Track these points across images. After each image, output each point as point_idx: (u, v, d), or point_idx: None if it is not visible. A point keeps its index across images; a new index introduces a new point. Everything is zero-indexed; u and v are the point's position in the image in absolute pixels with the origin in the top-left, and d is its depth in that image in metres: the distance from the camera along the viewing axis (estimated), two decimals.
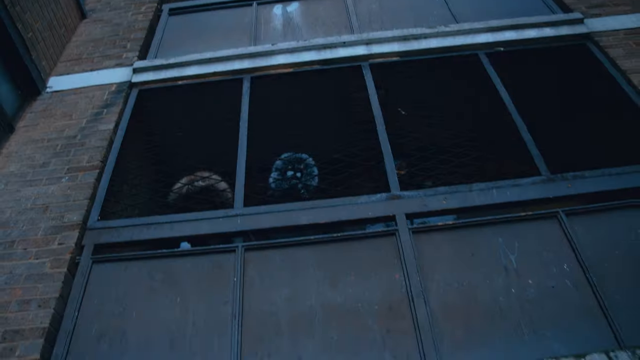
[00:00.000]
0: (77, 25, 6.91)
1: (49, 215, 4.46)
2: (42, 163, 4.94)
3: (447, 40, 5.74)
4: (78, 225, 4.35)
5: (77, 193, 4.61)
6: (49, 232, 4.33)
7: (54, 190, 4.67)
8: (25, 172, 4.88)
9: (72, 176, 4.78)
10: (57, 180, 4.76)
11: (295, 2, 6.90)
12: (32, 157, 5.02)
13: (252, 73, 5.75)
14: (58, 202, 4.55)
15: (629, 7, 5.98)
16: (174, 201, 5.10)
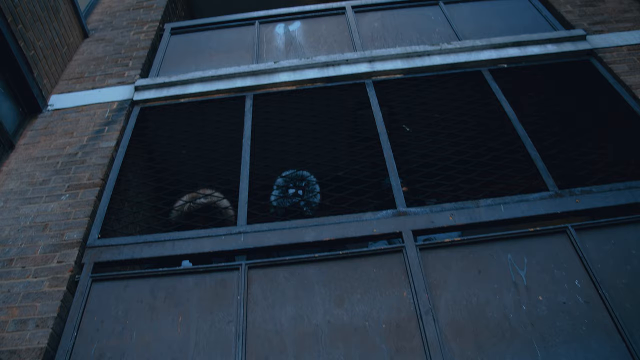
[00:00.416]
0: (79, 44, 6.91)
1: (48, 233, 4.38)
2: (42, 180, 4.88)
3: (451, 57, 5.74)
4: (78, 243, 4.27)
5: (78, 211, 4.54)
6: (48, 250, 4.24)
7: (53, 208, 4.60)
8: (24, 190, 4.81)
9: (72, 194, 4.71)
10: (57, 197, 4.70)
11: (297, 21, 6.92)
12: (32, 175, 4.96)
13: (254, 91, 5.73)
14: (58, 220, 4.48)
15: (630, 24, 6.02)
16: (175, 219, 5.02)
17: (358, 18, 6.80)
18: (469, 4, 6.97)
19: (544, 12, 6.60)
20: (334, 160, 5.20)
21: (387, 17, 6.78)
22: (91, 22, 7.47)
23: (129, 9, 7.69)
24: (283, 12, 7.07)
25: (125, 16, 7.49)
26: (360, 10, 6.93)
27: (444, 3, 6.94)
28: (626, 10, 6.32)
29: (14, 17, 5.47)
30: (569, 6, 6.51)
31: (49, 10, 6.24)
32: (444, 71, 5.69)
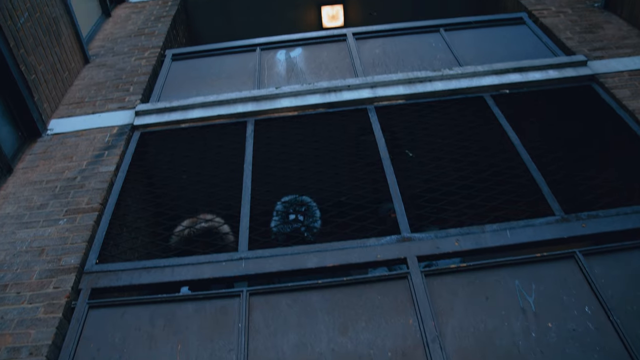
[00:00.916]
0: (80, 69, 6.90)
1: (44, 258, 4.29)
2: (40, 205, 4.81)
3: (452, 83, 5.75)
4: (75, 268, 4.18)
5: (75, 235, 4.46)
6: (44, 275, 4.15)
7: (51, 233, 4.51)
8: (21, 214, 4.73)
9: (70, 218, 4.63)
10: (54, 222, 4.62)
11: (298, 47, 6.93)
12: (30, 199, 4.89)
13: (256, 116, 5.71)
14: (55, 245, 4.39)
15: (630, 50, 6.07)
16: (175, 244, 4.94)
17: (359, 45, 6.82)
18: (469, 31, 7.02)
19: (544, 38, 6.64)
20: (337, 185, 5.14)
21: (388, 44, 6.80)
22: (93, 47, 7.48)
23: (131, 35, 7.72)
24: (284, 38, 7.10)
25: (126, 42, 7.51)
26: (361, 37, 6.96)
27: (444, 30, 6.98)
28: (625, 36, 6.37)
29: (16, 41, 5.47)
30: (569, 33, 6.56)
31: (51, 35, 6.25)
32: (446, 97, 5.68)
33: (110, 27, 8.13)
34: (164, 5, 8.59)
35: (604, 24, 6.74)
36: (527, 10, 7.38)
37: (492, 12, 8.68)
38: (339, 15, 9.26)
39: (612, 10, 6.98)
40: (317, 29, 9.39)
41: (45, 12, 6.22)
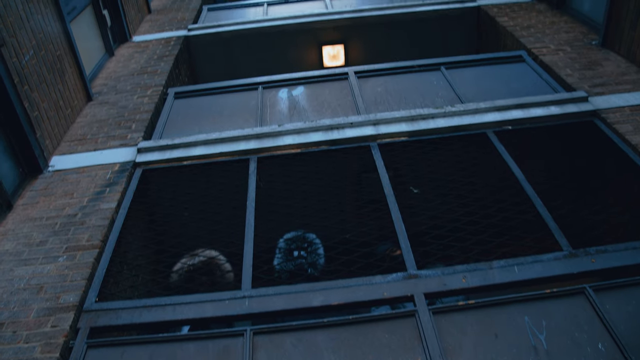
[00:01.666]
0: (83, 107, 6.93)
1: (43, 296, 4.20)
2: (40, 242, 4.74)
3: (455, 119, 5.77)
4: (74, 306, 4.08)
5: (75, 273, 4.38)
6: (42, 313, 4.05)
7: (50, 270, 4.43)
8: (20, 251, 4.66)
9: (70, 255, 4.56)
10: (54, 259, 4.54)
11: (300, 86, 6.98)
12: (29, 236, 4.82)
13: (258, 154, 5.70)
14: (54, 282, 4.30)
15: (630, 86, 6.15)
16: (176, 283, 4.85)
17: (361, 83, 6.87)
18: (469, 69, 7.10)
19: (544, 75, 6.71)
20: (341, 222, 5.09)
21: (389, 82, 6.86)
22: (96, 85, 7.53)
23: (134, 73, 7.78)
24: (286, 77, 7.15)
25: (129, 81, 7.56)
26: (363, 76, 7.02)
27: (445, 68, 7.05)
28: (624, 73, 6.44)
29: (21, 78, 5.49)
30: (569, 70, 6.63)
31: (55, 72, 6.29)
32: (449, 133, 5.69)
33: (114, 65, 8.21)
34: (167, 45, 8.70)
35: (602, 61, 6.82)
36: (526, 48, 7.49)
37: (492, 50, 8.79)
38: (339, 55, 9.38)
39: (610, 48, 7.08)
40: (318, 68, 9.50)
41: (50, 50, 6.27)
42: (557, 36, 7.70)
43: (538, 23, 8.28)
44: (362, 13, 9.15)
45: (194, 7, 10.68)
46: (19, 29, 5.68)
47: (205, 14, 10.35)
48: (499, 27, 8.51)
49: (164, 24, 9.88)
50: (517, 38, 7.83)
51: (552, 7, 8.86)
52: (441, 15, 9.28)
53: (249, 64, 9.31)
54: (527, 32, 7.99)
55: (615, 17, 6.93)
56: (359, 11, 9.20)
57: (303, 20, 9.08)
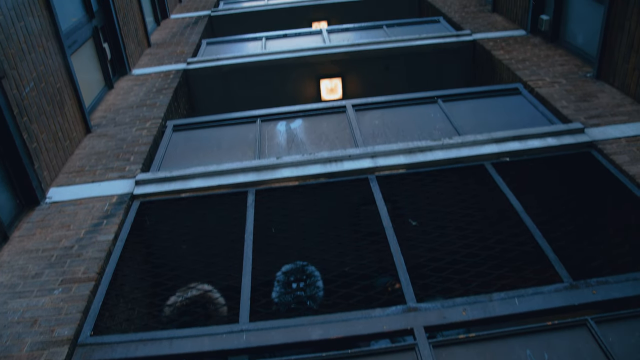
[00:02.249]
0: (81, 139, 6.94)
1: (37, 330, 4.13)
2: (35, 274, 4.69)
3: (453, 152, 5.80)
4: (68, 340, 4.02)
5: (70, 306, 4.32)
6: (35, 347, 3.98)
7: (44, 303, 4.37)
8: (15, 284, 4.60)
9: (65, 288, 4.50)
10: (49, 292, 4.48)
11: (298, 119, 7.02)
12: (25, 268, 4.77)
13: (257, 186, 5.70)
14: (48, 316, 4.24)
15: (625, 117, 6.22)
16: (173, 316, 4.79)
17: (359, 116, 6.91)
18: (466, 101, 7.17)
19: (540, 107, 6.78)
20: (340, 255, 5.06)
21: (387, 115, 6.91)
22: (95, 118, 7.57)
23: (133, 106, 7.82)
24: (284, 110, 7.20)
25: (128, 113, 7.60)
26: (361, 109, 7.07)
27: (442, 101, 7.11)
28: (619, 104, 6.52)
29: (20, 110, 5.52)
30: (564, 102, 6.70)
31: (54, 104, 6.32)
32: (447, 165, 5.71)
33: (113, 98, 8.26)
34: (166, 78, 8.77)
35: (597, 92, 6.89)
36: (522, 81, 7.57)
37: (489, 83, 8.89)
38: (337, 88, 9.46)
39: (605, 80, 7.17)
40: (316, 101, 9.57)
41: (50, 82, 6.32)
42: (552, 69, 7.80)
43: (533, 56, 8.39)
44: (359, 47, 9.27)
45: (193, 41, 10.81)
46: (20, 61, 5.72)
47: (204, 48, 10.47)
48: (494, 60, 8.62)
49: (164, 57, 9.98)
50: (513, 71, 7.92)
51: (546, 40, 9.00)
52: (438, 49, 9.40)
53: (248, 96, 9.38)
54: (523, 65, 8.09)
55: (609, 51, 7.04)
56: (356, 45, 9.32)
57: (301, 55, 9.18)
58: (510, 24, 10.19)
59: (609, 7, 6.94)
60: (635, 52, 6.47)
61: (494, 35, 9.60)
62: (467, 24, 10.33)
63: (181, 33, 11.60)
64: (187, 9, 13.91)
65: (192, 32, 11.58)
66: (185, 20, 12.76)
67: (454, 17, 10.97)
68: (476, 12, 11.19)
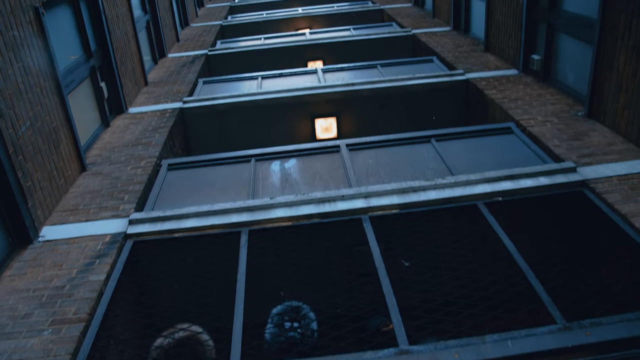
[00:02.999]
0: (76, 177, 6.97)
1: None
2: (25, 314, 4.64)
3: (446, 192, 5.83)
4: None
5: (59, 347, 4.27)
6: None
7: (33, 344, 4.32)
8: (4, 324, 4.55)
9: (55, 329, 4.46)
10: (38, 333, 4.43)
11: (292, 158, 7.07)
12: (14, 308, 4.73)
13: (250, 226, 5.70)
14: (36, 358, 4.18)
15: (617, 156, 6.28)
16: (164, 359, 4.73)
17: (352, 156, 6.97)
18: (459, 140, 7.24)
19: (532, 146, 6.84)
20: (332, 297, 5.04)
21: (380, 155, 6.96)
22: (90, 156, 7.60)
23: (128, 145, 7.88)
24: (278, 150, 7.26)
25: (123, 151, 7.65)
26: (355, 148, 7.13)
27: (435, 140, 7.18)
28: (611, 143, 6.59)
29: (15, 148, 5.55)
30: (556, 141, 6.77)
31: (50, 143, 6.36)
32: (440, 205, 5.73)
33: (109, 136, 8.32)
34: (162, 117, 8.85)
35: (589, 131, 6.98)
36: (514, 120, 7.66)
37: (482, 121, 8.98)
38: (332, 127, 9.55)
39: (596, 119, 7.27)
40: (311, 140, 9.64)
41: (46, 121, 6.37)
42: (544, 108, 7.91)
43: (525, 95, 8.51)
44: (354, 87, 9.39)
45: (189, 80, 10.94)
46: (17, 101, 5.78)
47: (200, 87, 10.60)
48: (487, 99, 8.73)
49: (160, 96, 10.09)
50: (505, 110, 8.02)
51: (538, 79, 9.15)
52: (431, 88, 9.53)
53: (243, 135, 9.45)
54: (515, 104, 8.19)
55: (599, 90, 7.16)
56: (350, 85, 9.44)
57: (296, 94, 9.29)
58: (503, 63, 10.36)
59: (598, 48, 7.09)
60: (625, 92, 6.58)
61: (487, 74, 9.75)
62: (460, 64, 10.50)
63: (178, 72, 11.76)
64: (184, 48, 14.13)
65: (189, 71, 11.74)
66: (183, 59, 12.95)
67: (447, 56, 11.15)
68: (469, 52, 11.39)
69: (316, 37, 13.86)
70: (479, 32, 12.18)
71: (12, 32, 5.86)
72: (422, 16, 15.73)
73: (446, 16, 14.22)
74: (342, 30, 14.55)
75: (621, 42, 6.61)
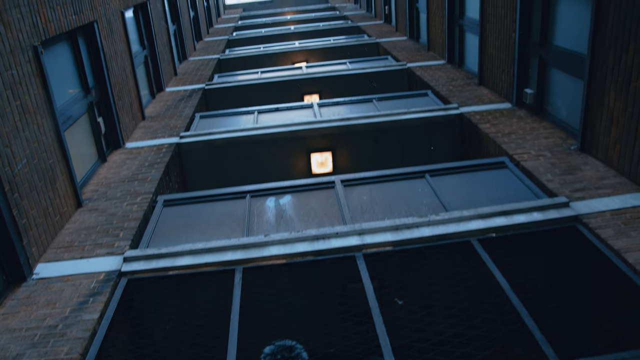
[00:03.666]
0: (72, 213, 6.99)
1: None
2: (16, 355, 4.62)
3: (440, 228, 5.85)
4: None
5: None
6: None
7: None
8: None
9: None
10: None
11: (287, 195, 7.11)
12: (6, 348, 4.71)
13: (244, 264, 5.71)
14: None
15: (610, 190, 6.33)
16: None
17: (347, 192, 7.01)
18: (453, 175, 7.30)
19: (526, 181, 6.90)
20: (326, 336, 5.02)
21: (375, 190, 7.00)
22: (86, 192, 7.64)
23: (125, 180, 7.92)
24: (274, 186, 7.30)
25: (120, 187, 7.69)
26: (350, 184, 7.17)
27: (430, 175, 7.23)
28: (603, 177, 6.65)
29: (11, 186, 5.59)
30: (550, 175, 6.83)
31: (46, 180, 6.40)
32: (434, 242, 5.76)
33: (105, 171, 8.36)
34: (159, 152, 8.91)
35: (582, 165, 7.04)
36: (508, 154, 7.72)
37: (476, 155, 9.05)
38: (327, 161, 9.62)
39: (588, 152, 7.34)
40: (306, 174, 9.69)
41: (43, 158, 6.42)
42: (538, 142, 7.98)
43: (519, 129, 8.60)
44: (349, 122, 9.48)
45: (186, 115, 11.05)
46: (14, 139, 5.84)
47: (197, 121, 10.69)
48: (481, 133, 8.81)
49: (157, 130, 10.18)
50: (499, 144, 8.09)
51: (531, 113, 9.25)
52: (426, 122, 9.62)
53: (239, 169, 9.50)
54: (509, 138, 8.27)
55: (590, 124, 7.25)
56: (346, 119, 9.53)
57: (292, 129, 9.37)
58: (497, 96, 10.48)
59: (588, 83, 7.21)
60: (615, 127, 6.66)
61: (481, 108, 9.86)
62: (455, 97, 10.62)
63: (175, 106, 11.87)
64: (182, 82, 14.28)
65: (187, 105, 11.86)
66: (180, 93, 13.09)
67: (442, 90, 11.28)
68: (463, 85, 11.53)
69: (312, 70, 14.03)
70: (472, 65, 12.35)
71: (11, 72, 5.95)
72: (417, 49, 15.94)
73: (441, 50, 14.42)
74: (339, 63, 14.73)
75: (611, 77, 6.71)
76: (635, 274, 4.96)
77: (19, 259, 5.58)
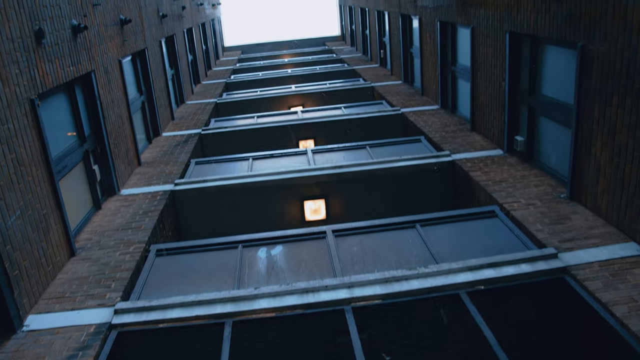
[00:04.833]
0: (65, 263, 7.02)
1: None
2: None
3: (428, 281, 5.90)
4: None
5: None
6: None
7: None
8: None
9: None
10: None
11: (279, 245, 7.17)
12: None
13: (234, 317, 5.74)
14: None
15: (598, 240, 6.39)
16: None
17: (338, 242, 7.07)
18: (444, 225, 7.38)
19: (515, 231, 6.97)
20: None
21: (366, 241, 7.07)
22: (80, 240, 7.68)
23: (118, 229, 7.97)
24: (266, 236, 7.37)
25: (113, 236, 7.73)
26: (341, 234, 7.24)
27: (420, 225, 7.30)
28: (592, 226, 6.73)
29: (4, 238, 5.63)
30: (539, 225, 6.90)
31: (39, 231, 6.45)
32: (422, 295, 5.79)
33: (100, 219, 8.42)
34: (153, 200, 8.99)
35: (571, 214, 7.12)
36: (498, 203, 7.81)
37: (467, 203, 9.13)
38: (321, 209, 9.70)
39: (578, 201, 7.44)
40: (300, 221, 9.75)
41: (36, 209, 6.48)
42: (528, 190, 8.08)
43: (509, 177, 8.71)
44: (342, 169, 9.60)
45: (182, 161, 11.17)
46: (9, 192, 5.90)
47: (192, 168, 10.80)
48: (473, 182, 8.92)
49: (153, 177, 10.27)
50: (489, 193, 8.19)
51: (522, 160, 9.38)
52: (418, 169, 9.74)
53: (233, 217, 9.57)
54: (499, 186, 8.37)
55: (579, 173, 7.37)
56: (339, 167, 9.65)
57: (286, 177, 9.48)
58: (488, 143, 10.63)
59: (576, 133, 7.35)
60: (603, 177, 6.78)
61: (473, 155, 9.99)
62: (447, 144, 10.76)
63: (171, 152, 12.00)
64: (179, 126, 14.45)
65: (182, 150, 11.99)
66: (177, 138, 13.24)
67: (435, 136, 11.44)
68: (456, 131, 11.69)
69: (308, 116, 14.23)
70: (465, 111, 12.54)
71: (7, 125, 6.05)
72: (411, 94, 16.20)
73: (434, 95, 14.66)
74: (334, 108, 14.95)
75: (597, 128, 6.86)
76: (622, 327, 4.98)
77: (10, 311, 5.59)
